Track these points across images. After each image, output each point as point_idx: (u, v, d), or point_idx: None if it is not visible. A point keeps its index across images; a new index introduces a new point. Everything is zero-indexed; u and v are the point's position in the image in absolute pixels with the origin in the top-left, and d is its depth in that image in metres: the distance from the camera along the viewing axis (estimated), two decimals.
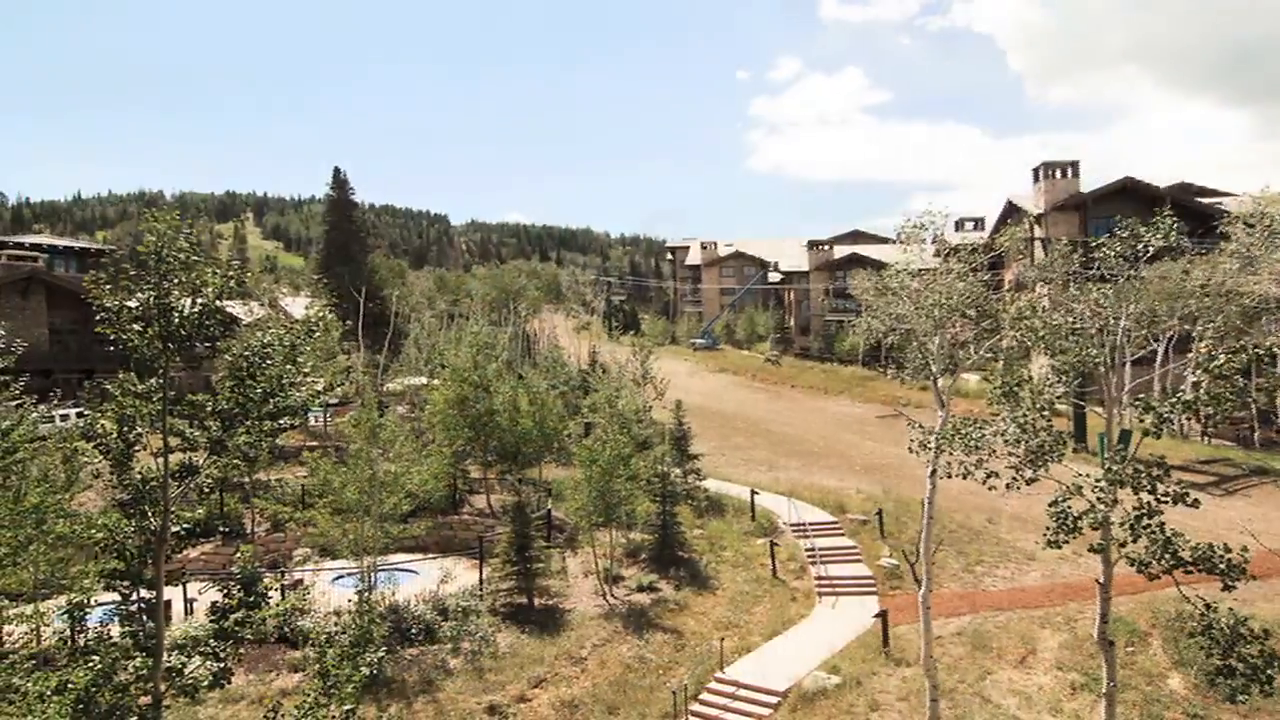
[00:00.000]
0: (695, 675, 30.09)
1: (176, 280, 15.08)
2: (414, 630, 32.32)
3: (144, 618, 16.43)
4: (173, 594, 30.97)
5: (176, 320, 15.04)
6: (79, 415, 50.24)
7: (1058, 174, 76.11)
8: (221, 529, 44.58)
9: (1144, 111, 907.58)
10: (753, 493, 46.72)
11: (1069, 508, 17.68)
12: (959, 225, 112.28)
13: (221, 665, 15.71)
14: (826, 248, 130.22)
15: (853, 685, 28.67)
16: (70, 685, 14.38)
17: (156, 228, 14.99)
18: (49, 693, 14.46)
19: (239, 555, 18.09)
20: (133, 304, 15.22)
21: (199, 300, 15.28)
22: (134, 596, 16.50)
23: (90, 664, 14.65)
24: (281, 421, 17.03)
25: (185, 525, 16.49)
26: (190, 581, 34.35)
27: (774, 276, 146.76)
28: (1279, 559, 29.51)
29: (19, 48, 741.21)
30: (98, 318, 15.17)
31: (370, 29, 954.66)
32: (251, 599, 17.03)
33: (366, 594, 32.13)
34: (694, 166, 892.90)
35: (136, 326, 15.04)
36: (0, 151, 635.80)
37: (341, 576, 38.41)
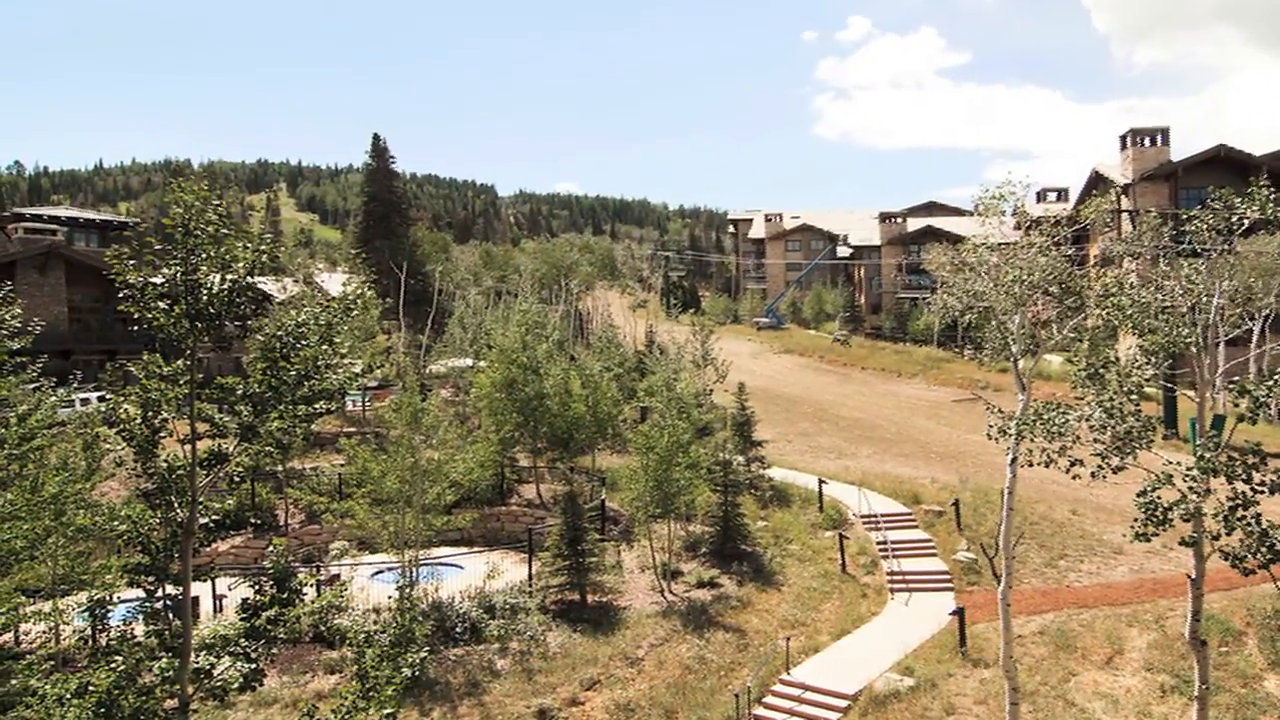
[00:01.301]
0: (759, 677, 30.25)
1: (205, 255, 14.90)
2: (459, 629, 32.65)
3: (170, 616, 16.03)
4: (200, 590, 30.95)
5: (205, 298, 14.90)
6: (100, 399, 50.95)
7: (1146, 141, 75.33)
8: (253, 521, 44.65)
9: (1236, 75, 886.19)
10: (820, 482, 46.81)
11: (1158, 498, 17.66)
12: (1041, 196, 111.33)
13: (253, 666, 15.52)
14: (899, 220, 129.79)
15: (927, 687, 28.75)
16: (91, 688, 14.28)
17: (183, 199, 14.87)
18: (69, 696, 14.34)
19: (271, 549, 17.81)
20: (158, 280, 15.10)
21: (229, 276, 15.12)
22: (159, 593, 16.09)
23: (113, 665, 14.49)
24: (317, 406, 16.68)
25: (214, 517, 15.98)
26: (219, 577, 34.66)
27: (843, 251, 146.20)
28: None
29: (36, 6, 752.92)
30: (120, 295, 15.06)
31: None
32: (285, 596, 16.62)
33: (408, 590, 32.12)
34: (757, 134, 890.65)
35: (162, 304, 14.86)
36: (17, 118, 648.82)
37: (381, 571, 38.86)
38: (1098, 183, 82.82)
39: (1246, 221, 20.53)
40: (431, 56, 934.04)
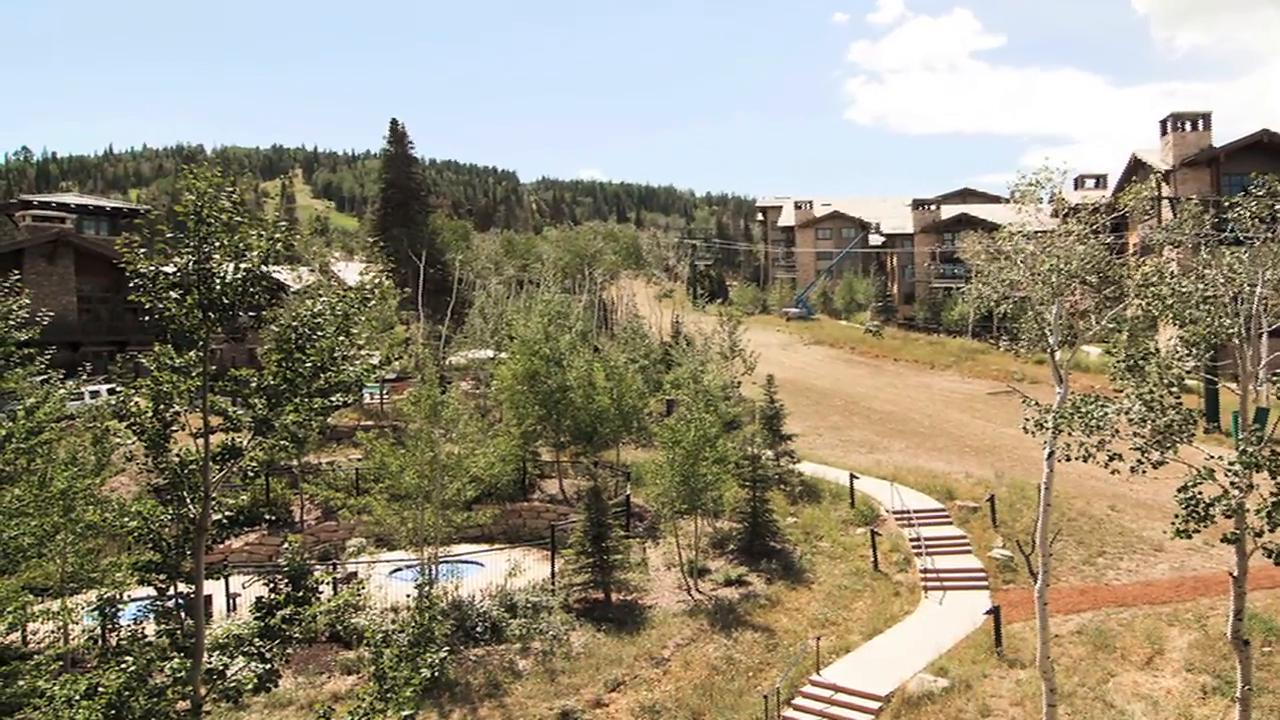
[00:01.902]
0: (788, 678, 30.18)
1: (218, 243, 14.86)
2: (479, 628, 32.74)
3: (182, 615, 16.07)
4: (214, 588, 31.37)
5: (218, 287, 14.84)
6: (110, 392, 51.31)
7: (1187, 126, 75.02)
8: (267, 517, 44.85)
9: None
10: (852, 477, 46.76)
11: (1200, 494, 17.62)
12: (1079, 183, 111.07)
13: (267, 667, 15.48)
14: (933, 208, 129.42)
15: (962, 689, 28.71)
16: (101, 689, 14.28)
17: (196, 185, 14.83)
18: (77, 697, 14.38)
19: (286, 546, 17.78)
20: (170, 269, 15.06)
21: (243, 265, 15.03)
22: (171, 591, 16.15)
23: (123, 666, 14.59)
24: (333, 399, 16.62)
25: (227, 513, 15.98)
26: (233, 575, 34.99)
27: (875, 239, 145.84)
28: None
29: None
30: (131, 284, 14.95)
31: None
32: (300, 594, 16.54)
33: (427, 588, 32.25)
34: (787, 119, 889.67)
35: (174, 294, 14.79)
36: (26, 103, 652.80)
37: (399, 569, 39.01)
38: (1137, 169, 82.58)
39: None
40: (452, 39, 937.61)
